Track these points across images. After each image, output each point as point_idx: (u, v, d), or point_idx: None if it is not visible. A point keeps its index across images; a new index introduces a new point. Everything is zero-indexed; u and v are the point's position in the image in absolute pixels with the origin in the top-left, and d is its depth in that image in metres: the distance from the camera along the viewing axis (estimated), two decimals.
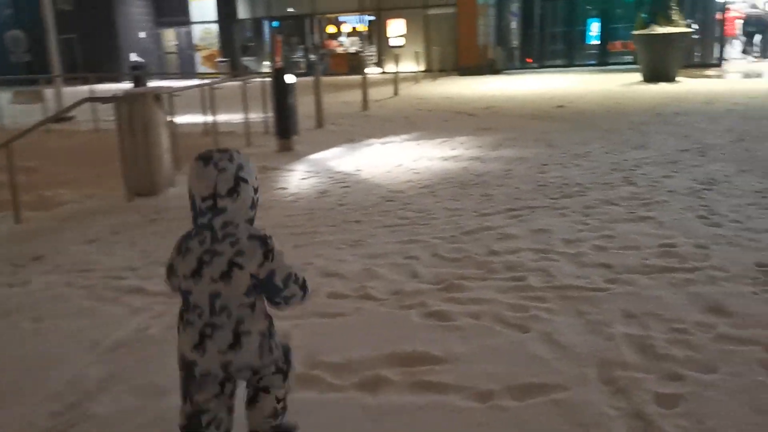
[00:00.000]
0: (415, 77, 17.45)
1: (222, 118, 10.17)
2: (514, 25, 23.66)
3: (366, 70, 12.70)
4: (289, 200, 5.46)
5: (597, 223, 4.23)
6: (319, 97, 9.62)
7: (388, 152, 7.40)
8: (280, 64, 25.06)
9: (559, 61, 23.38)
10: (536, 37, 23.91)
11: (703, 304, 2.87)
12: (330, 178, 6.26)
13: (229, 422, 1.81)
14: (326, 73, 23.65)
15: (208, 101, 7.92)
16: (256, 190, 1.79)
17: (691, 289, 3.04)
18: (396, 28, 23.24)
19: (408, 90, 15.14)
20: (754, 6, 23.47)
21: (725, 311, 2.78)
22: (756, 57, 22.14)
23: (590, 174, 5.73)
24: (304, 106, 10.01)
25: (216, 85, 8.54)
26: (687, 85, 13.23)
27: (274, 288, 1.76)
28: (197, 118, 8.79)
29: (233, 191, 1.72)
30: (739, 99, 10.38)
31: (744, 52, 22.93)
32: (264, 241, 1.74)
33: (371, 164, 6.80)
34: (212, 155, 1.73)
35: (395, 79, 14.52)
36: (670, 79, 14.08)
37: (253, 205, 1.78)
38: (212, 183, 1.70)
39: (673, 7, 14.22)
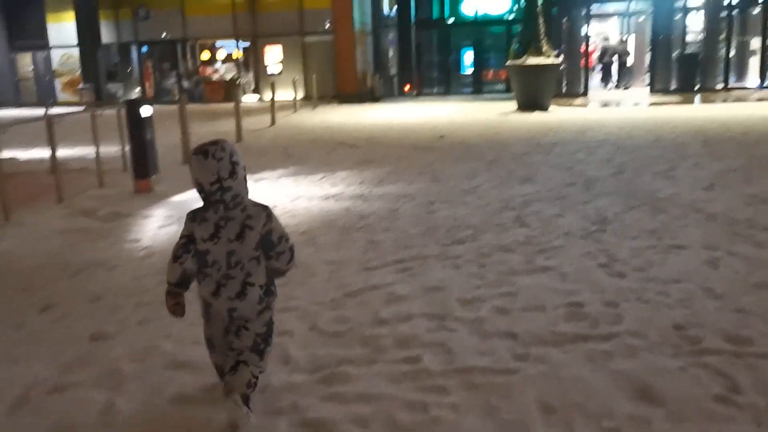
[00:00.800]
0: (293, 105, 16.82)
1: (76, 152, 9.03)
2: (392, 53, 23.78)
3: (242, 98, 11.91)
4: (141, 256, 4.60)
5: (495, 276, 3.78)
6: (185, 129, 8.70)
7: (263, 191, 6.68)
8: (150, 90, 23.55)
9: (436, 90, 23.72)
10: (414, 66, 24.13)
11: (630, 388, 2.43)
12: None
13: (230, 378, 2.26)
14: (201, 101, 22.55)
15: (56, 133, 6.81)
16: (244, 168, 2.30)
17: (612, 365, 2.61)
18: (273, 55, 22.53)
19: (286, 119, 14.47)
20: (606, 39, 25.13)
21: (656, 397, 2.35)
22: (614, 87, 23.60)
23: (481, 213, 5.35)
24: (171, 138, 9.05)
25: (68, 114, 7.42)
26: (559, 115, 13.63)
27: (270, 244, 2.30)
28: (45, 153, 7.58)
29: (233, 173, 2.23)
30: (610, 129, 10.70)
31: (603, 81, 24.43)
32: (265, 207, 2.33)
33: None
34: (208, 149, 2.21)
35: (272, 108, 13.81)
36: (543, 108, 14.46)
37: (245, 179, 2.30)
38: (215, 171, 2.20)
39: (543, 39, 14.68)
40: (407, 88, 23.26)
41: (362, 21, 21.24)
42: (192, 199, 6.54)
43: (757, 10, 20.66)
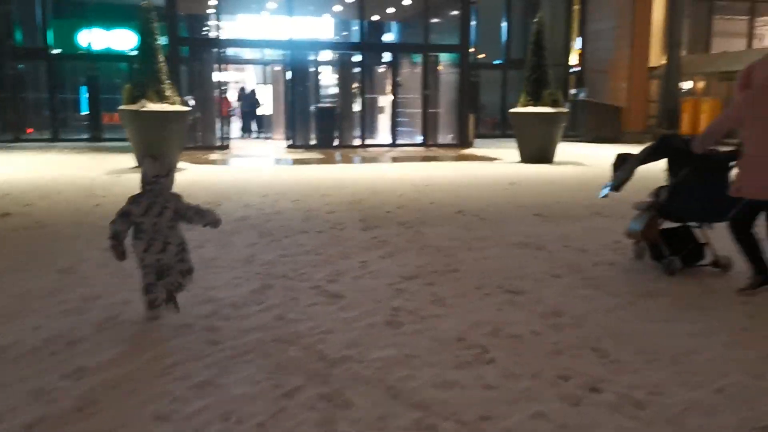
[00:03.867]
0: None
1: None
2: None
3: None
4: None
5: None
6: None
7: None
8: None
9: (42, 134, 19.02)
10: (9, 104, 19.03)
11: None
12: None
13: (162, 299, 3.76)
14: None
15: None
16: (173, 174, 3.80)
17: None
18: None
19: None
20: (243, 87, 23.78)
21: None
22: (256, 137, 22.15)
23: None
24: None
25: None
26: (191, 174, 11.03)
27: (186, 215, 3.80)
28: None
29: (168, 174, 3.71)
30: (252, 197, 8.53)
31: (243, 131, 22.86)
32: (179, 196, 3.79)
33: None
34: (157, 155, 3.74)
35: None
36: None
37: (173, 180, 3.77)
38: (157, 170, 3.66)
39: (166, 82, 12.00)
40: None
41: None
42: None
43: (382, 69, 21.52)
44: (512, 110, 13.66)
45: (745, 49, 19.96)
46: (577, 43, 21.89)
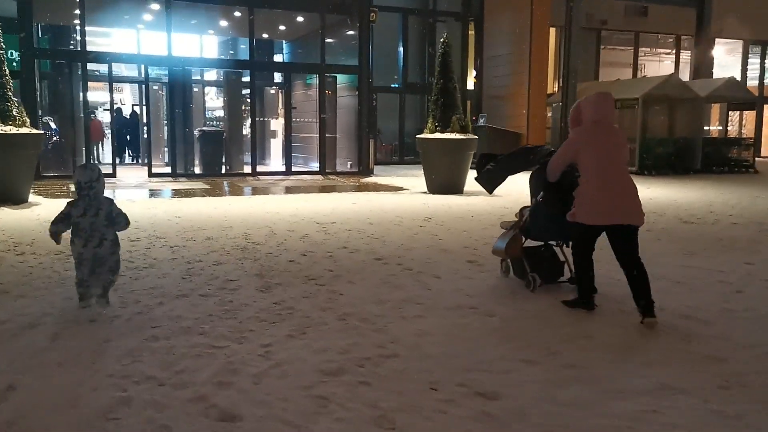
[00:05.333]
0: None
1: None
2: None
3: None
4: None
5: None
6: None
7: None
8: None
9: None
10: None
11: None
12: None
13: (94, 292, 4.51)
14: None
15: None
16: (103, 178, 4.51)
17: None
18: None
19: None
20: (120, 108, 21.44)
21: None
22: (131, 162, 19.94)
23: None
24: None
25: None
26: (36, 213, 8.96)
27: (113, 218, 4.44)
28: None
29: (98, 179, 4.41)
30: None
31: (117, 156, 20.41)
32: (111, 199, 4.52)
33: None
34: (88, 165, 4.52)
35: None
36: (16, 200, 9.64)
37: (104, 185, 4.49)
38: (90, 176, 4.37)
39: (13, 100, 9.91)
40: None
41: None
42: None
43: (274, 91, 20.03)
44: (419, 136, 12.68)
45: (639, 78, 20.42)
46: (473, 70, 21.57)
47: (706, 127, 19.37)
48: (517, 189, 8.93)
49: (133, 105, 22.76)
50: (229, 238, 7.46)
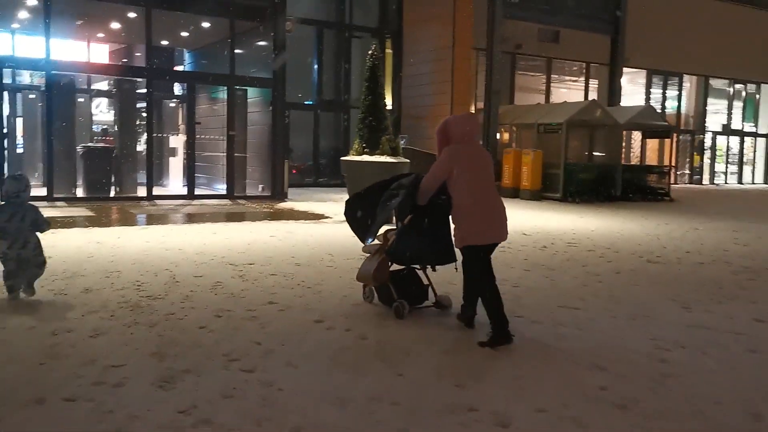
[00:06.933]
0: None
1: None
2: None
3: None
4: None
5: None
6: None
7: None
8: None
9: None
10: None
11: None
12: None
13: (21, 284, 5.09)
14: None
15: None
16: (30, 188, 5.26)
17: None
18: None
19: None
20: None
21: None
22: None
23: None
24: None
25: None
26: None
27: (36, 222, 5.08)
28: None
29: (26, 189, 5.11)
30: None
31: None
32: (35, 207, 5.14)
33: None
34: (16, 176, 5.19)
35: None
36: None
37: (29, 194, 5.17)
38: (18, 187, 5.05)
39: None
40: None
41: None
42: None
43: (173, 104, 18.02)
44: (345, 158, 11.29)
45: (561, 102, 20.08)
46: (390, 89, 20.52)
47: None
48: None
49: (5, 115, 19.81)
50: (115, 289, 5.68)
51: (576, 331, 4.76)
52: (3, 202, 5.08)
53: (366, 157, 10.93)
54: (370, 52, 11.24)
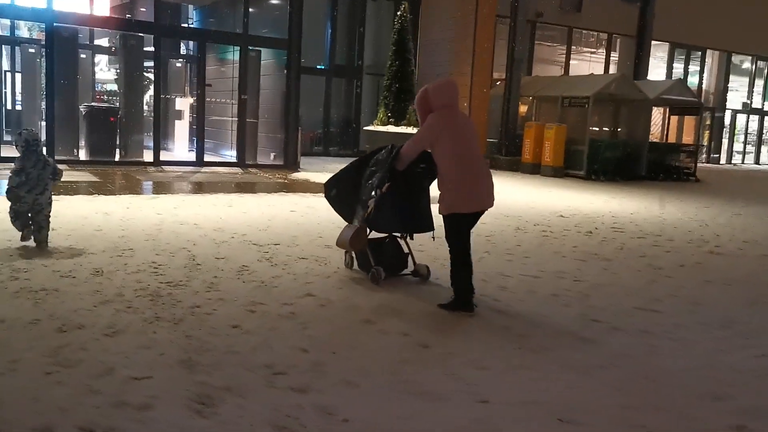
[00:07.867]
0: None
1: None
2: None
3: None
4: None
5: None
6: None
7: None
8: None
9: None
10: None
11: None
12: None
13: (30, 234, 5.47)
14: None
15: None
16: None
17: None
18: None
19: None
20: None
21: None
22: None
23: None
24: None
25: None
26: None
27: (55, 172, 5.51)
28: None
29: (39, 139, 5.58)
30: None
31: None
32: (51, 159, 5.64)
33: None
34: (31, 131, 5.51)
35: None
36: None
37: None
38: (36, 135, 5.47)
39: None
40: None
41: None
42: None
43: (179, 63, 17.15)
44: (368, 128, 10.52)
45: (587, 74, 19.16)
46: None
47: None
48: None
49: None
50: (130, 272, 5.00)
51: (670, 343, 4.09)
52: (24, 151, 5.35)
53: (390, 128, 10.16)
54: (399, 12, 10.38)
